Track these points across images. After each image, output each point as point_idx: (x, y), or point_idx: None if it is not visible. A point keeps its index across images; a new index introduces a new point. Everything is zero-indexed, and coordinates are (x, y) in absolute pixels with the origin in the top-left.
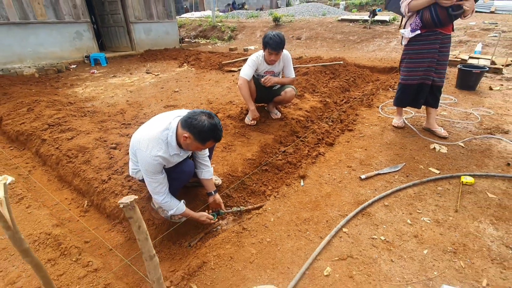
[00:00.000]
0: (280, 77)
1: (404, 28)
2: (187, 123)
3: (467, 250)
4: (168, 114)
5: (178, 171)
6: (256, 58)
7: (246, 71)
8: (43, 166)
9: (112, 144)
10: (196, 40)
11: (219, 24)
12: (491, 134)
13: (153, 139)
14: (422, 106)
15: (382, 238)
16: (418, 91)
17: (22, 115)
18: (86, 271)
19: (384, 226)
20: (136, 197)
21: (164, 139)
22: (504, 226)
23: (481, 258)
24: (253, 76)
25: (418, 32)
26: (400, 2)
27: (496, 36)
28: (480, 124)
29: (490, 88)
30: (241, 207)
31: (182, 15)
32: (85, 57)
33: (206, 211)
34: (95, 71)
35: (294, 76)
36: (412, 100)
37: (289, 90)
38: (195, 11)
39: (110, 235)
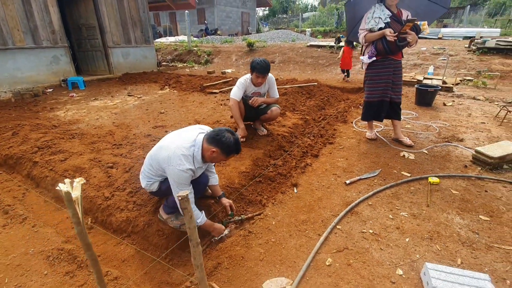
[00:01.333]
0: (265, 97)
1: (363, 55)
2: (215, 140)
3: (440, 236)
4: (190, 130)
5: (196, 182)
6: (244, 81)
7: (236, 93)
8: (36, 188)
9: (108, 163)
10: (173, 63)
11: (195, 48)
12: (449, 142)
13: (183, 156)
14: (388, 120)
15: (371, 231)
16: (379, 107)
17: (7, 139)
18: (107, 280)
19: (371, 222)
20: (190, 191)
21: (191, 155)
22: (468, 216)
23: (453, 242)
24: (242, 97)
25: (374, 58)
26: (358, 34)
27: (445, 59)
28: (438, 134)
29: (444, 104)
30: (242, 216)
31: (157, 40)
32: (62, 80)
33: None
34: (74, 94)
35: (278, 96)
36: (375, 115)
37: (275, 109)
38: (169, 36)
39: (120, 248)
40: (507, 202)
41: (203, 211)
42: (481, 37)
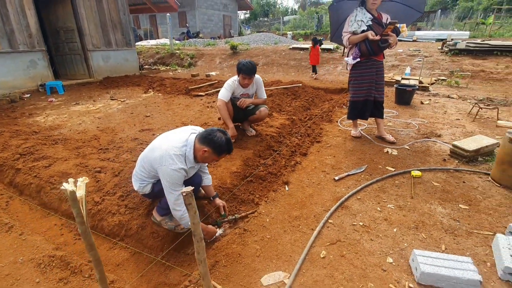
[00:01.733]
0: (253, 98)
1: (347, 56)
2: (207, 139)
3: (425, 225)
4: (182, 131)
5: (189, 183)
6: (232, 83)
7: (223, 94)
8: (20, 196)
9: (95, 168)
10: (156, 67)
11: (178, 51)
12: (428, 138)
13: (175, 155)
14: (372, 118)
15: (361, 223)
16: (364, 106)
17: None
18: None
19: (360, 215)
20: (193, 187)
21: (183, 154)
22: (449, 206)
23: (437, 230)
24: (231, 98)
25: (358, 59)
26: (342, 37)
27: (420, 60)
28: (418, 131)
29: (422, 103)
30: (235, 215)
31: (137, 43)
32: (40, 85)
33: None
34: (53, 99)
35: (265, 97)
36: (360, 114)
37: (263, 109)
38: (150, 39)
39: (114, 252)
40: (483, 192)
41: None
42: (452, 39)
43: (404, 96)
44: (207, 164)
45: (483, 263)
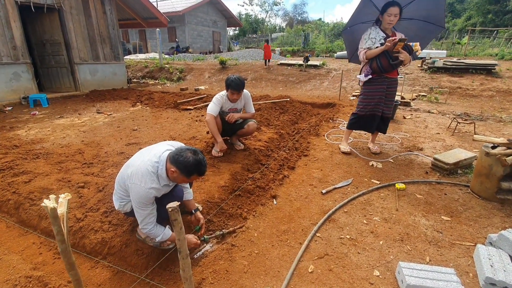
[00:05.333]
0: (242, 112)
1: (360, 74)
2: (174, 159)
3: (410, 237)
4: (157, 147)
5: (170, 196)
6: (220, 97)
7: (212, 108)
8: None
9: (78, 183)
10: (145, 80)
11: (167, 65)
12: (411, 151)
13: (146, 173)
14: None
15: (348, 236)
16: (371, 119)
17: None
18: None
19: (347, 228)
20: (179, 202)
21: (155, 172)
22: (432, 217)
23: (421, 242)
24: (219, 112)
25: (370, 77)
26: (358, 53)
27: (401, 77)
28: (401, 144)
29: (404, 117)
30: (223, 230)
31: (126, 57)
32: (23, 98)
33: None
34: (37, 112)
35: (253, 111)
36: (366, 127)
37: (251, 124)
38: (139, 53)
39: (95, 271)
40: (463, 203)
41: (167, 226)
42: (430, 58)
43: None
44: None
45: (466, 274)
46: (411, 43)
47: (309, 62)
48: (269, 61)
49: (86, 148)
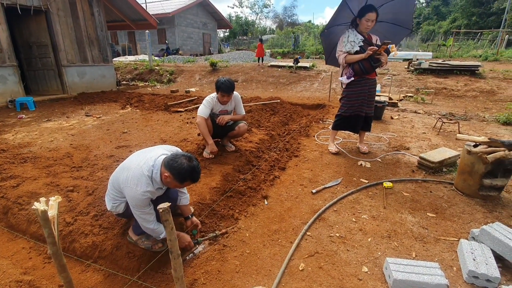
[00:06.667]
0: (232, 114)
1: (341, 76)
2: (169, 164)
3: (397, 234)
4: (154, 150)
5: (165, 198)
6: (211, 99)
7: (203, 110)
8: None
9: (67, 187)
10: (134, 82)
11: (157, 67)
12: (398, 150)
13: (141, 177)
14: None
15: (337, 235)
16: (355, 120)
17: None
18: None
19: (337, 226)
20: (170, 203)
21: (150, 175)
22: (418, 214)
23: (408, 238)
24: (210, 114)
25: (352, 79)
26: (337, 56)
27: (389, 78)
28: (389, 144)
29: (391, 118)
30: (216, 232)
31: (115, 59)
32: (9, 101)
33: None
34: (23, 116)
35: (244, 113)
36: (351, 127)
37: (242, 125)
38: (128, 55)
39: (86, 275)
40: (448, 200)
41: None
42: (417, 59)
43: (376, 111)
44: None
45: (450, 268)
46: (388, 45)
47: (299, 64)
48: (262, 59)
49: (75, 151)
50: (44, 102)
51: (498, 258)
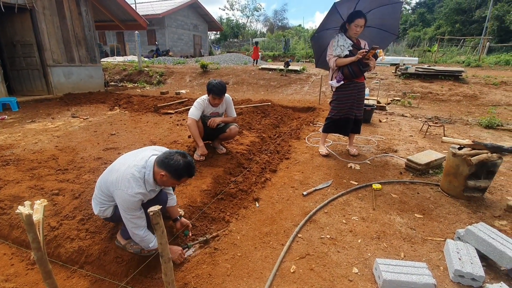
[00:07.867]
0: (223, 116)
1: (331, 80)
2: (164, 163)
3: (386, 235)
4: (143, 152)
5: (155, 201)
6: (202, 101)
7: (193, 112)
8: None
9: (52, 190)
10: (123, 84)
11: (146, 69)
12: (386, 153)
13: (132, 178)
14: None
15: (328, 236)
16: (345, 123)
17: None
18: None
19: (328, 228)
20: (161, 206)
21: (142, 177)
22: (406, 215)
23: (396, 239)
24: (201, 116)
25: (342, 82)
26: (327, 59)
27: (377, 82)
28: (377, 146)
29: (380, 121)
30: (206, 235)
31: (103, 59)
32: None
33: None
34: (6, 116)
35: (235, 115)
36: (341, 130)
37: (233, 127)
38: (117, 56)
39: (72, 281)
40: (434, 201)
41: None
42: (404, 64)
43: (365, 114)
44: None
45: (437, 268)
46: (376, 50)
47: (290, 67)
48: (257, 61)
49: (61, 153)
50: (28, 102)
51: (483, 257)
